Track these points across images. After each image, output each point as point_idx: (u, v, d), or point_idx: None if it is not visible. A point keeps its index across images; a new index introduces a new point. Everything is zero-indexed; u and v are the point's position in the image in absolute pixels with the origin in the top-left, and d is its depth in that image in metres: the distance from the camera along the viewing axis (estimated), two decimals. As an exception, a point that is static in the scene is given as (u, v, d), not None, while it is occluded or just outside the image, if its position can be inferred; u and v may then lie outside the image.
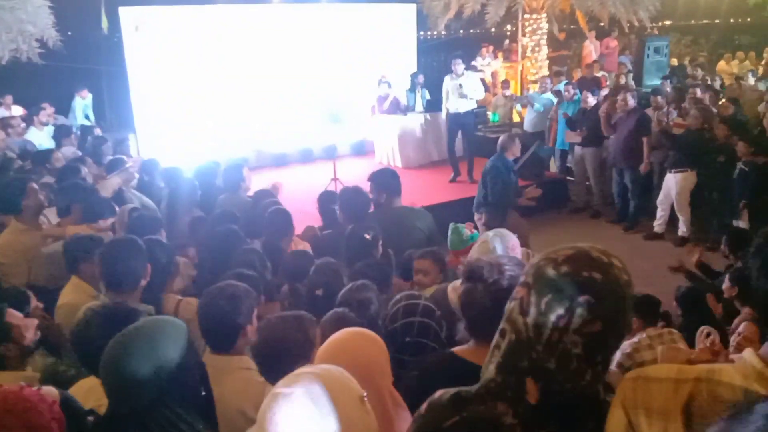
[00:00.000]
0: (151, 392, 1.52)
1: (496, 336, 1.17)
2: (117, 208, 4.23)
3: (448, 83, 8.58)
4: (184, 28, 9.72)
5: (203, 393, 1.70)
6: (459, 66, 8.56)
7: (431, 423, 1.19)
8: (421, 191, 8.20)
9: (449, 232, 4.11)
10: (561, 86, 9.23)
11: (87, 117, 10.57)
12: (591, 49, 13.21)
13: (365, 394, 1.25)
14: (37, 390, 1.53)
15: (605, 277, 1.08)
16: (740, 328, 3.10)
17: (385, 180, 4.47)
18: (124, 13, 9.35)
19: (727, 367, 0.96)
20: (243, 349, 2.34)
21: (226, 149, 10.04)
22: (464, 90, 8.43)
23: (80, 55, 11.77)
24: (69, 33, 10.50)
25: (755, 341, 2.82)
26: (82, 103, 10.60)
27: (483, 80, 13.67)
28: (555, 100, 9.14)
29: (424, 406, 1.23)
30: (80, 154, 6.45)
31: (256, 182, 5.56)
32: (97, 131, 8.05)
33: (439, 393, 1.23)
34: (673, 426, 0.93)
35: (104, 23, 10.73)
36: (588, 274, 1.07)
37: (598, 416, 1.12)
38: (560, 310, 1.06)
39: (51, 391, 1.63)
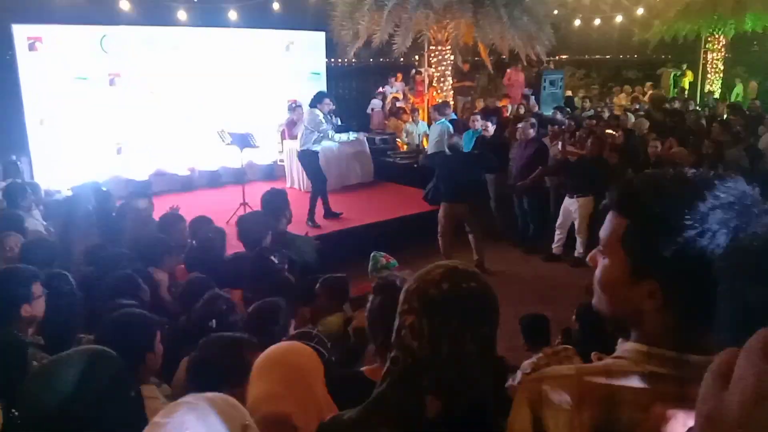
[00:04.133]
0: (71, 426, 1.44)
1: (388, 364, 1.21)
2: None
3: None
4: (84, 48, 9.33)
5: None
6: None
7: None
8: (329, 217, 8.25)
9: (370, 260, 4.24)
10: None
11: None
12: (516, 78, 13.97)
13: (248, 422, 1.24)
14: None
15: (479, 284, 1.19)
16: (618, 344, 3.32)
17: (271, 202, 4.52)
18: (18, 30, 8.87)
19: (617, 360, 1.03)
20: (147, 377, 2.26)
21: (128, 173, 9.74)
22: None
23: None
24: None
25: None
26: None
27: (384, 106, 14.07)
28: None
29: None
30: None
31: (160, 207, 5.41)
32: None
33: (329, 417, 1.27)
34: (578, 417, 0.98)
35: (-5, 40, 10.15)
36: (467, 285, 1.17)
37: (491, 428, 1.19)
38: (454, 324, 1.14)
39: None
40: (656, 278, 0.98)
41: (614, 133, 9.09)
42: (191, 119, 10.33)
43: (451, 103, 12.45)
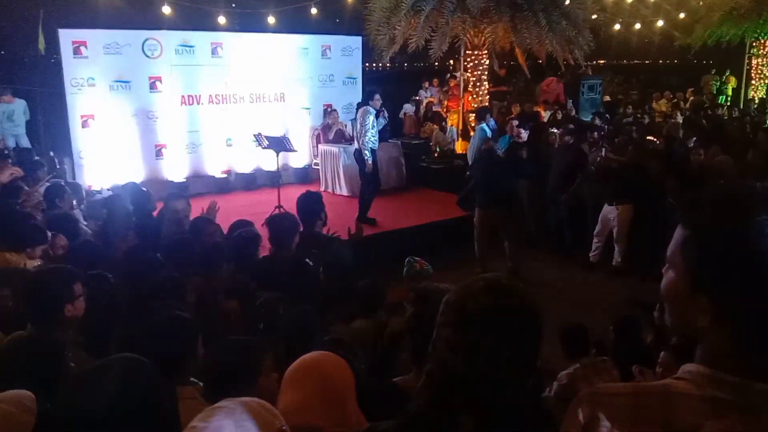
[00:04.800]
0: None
1: (424, 377, 1.18)
2: (49, 235, 4.06)
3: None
4: (126, 52, 9.54)
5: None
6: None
7: None
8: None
9: (405, 265, 4.22)
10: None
11: (10, 120, 10.08)
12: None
13: (285, 426, 1.23)
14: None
15: (521, 302, 1.15)
16: (660, 358, 3.24)
17: (306, 206, 4.52)
18: (64, 34, 9.13)
19: (676, 381, 0.99)
20: (187, 378, 2.28)
21: (167, 175, 9.92)
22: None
23: (15, 76, 11.40)
24: (2, 52, 10.18)
25: (672, 366, 2.93)
26: (8, 108, 10.06)
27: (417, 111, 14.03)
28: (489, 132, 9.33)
29: None
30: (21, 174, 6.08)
31: (198, 209, 5.47)
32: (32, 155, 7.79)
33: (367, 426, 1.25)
34: None
35: (41, 44, 10.45)
36: (507, 302, 1.13)
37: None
38: (490, 341, 1.10)
39: (28, 393, 1.58)
40: (711, 293, 0.94)
41: (655, 140, 8.90)
42: (229, 122, 10.47)
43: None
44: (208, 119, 10.31)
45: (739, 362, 0.93)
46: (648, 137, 9.07)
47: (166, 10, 11.06)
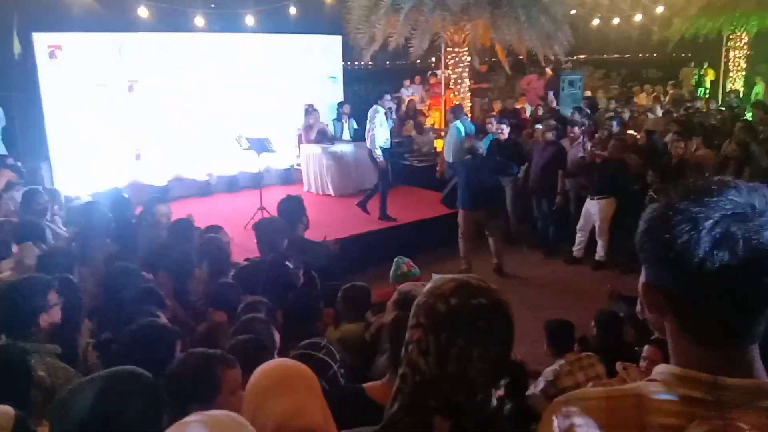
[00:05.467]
0: None
1: (398, 381, 1.17)
2: (15, 248, 3.97)
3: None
4: (102, 55, 9.42)
5: None
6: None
7: None
8: (350, 221, 8.22)
9: (393, 265, 4.21)
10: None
11: None
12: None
13: None
14: None
15: (490, 300, 1.13)
16: (644, 352, 3.25)
17: (288, 209, 4.51)
18: (39, 38, 8.98)
19: (648, 383, 0.98)
20: None
21: (146, 178, 9.80)
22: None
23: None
24: (-24, 57, 10.01)
25: (658, 361, 2.95)
26: None
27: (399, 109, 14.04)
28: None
29: None
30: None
31: (178, 212, 5.42)
32: (9, 161, 7.65)
33: None
34: None
35: (16, 48, 10.28)
36: (477, 301, 1.12)
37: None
38: (461, 341, 1.09)
39: (7, 411, 1.54)
40: (660, 287, 0.94)
41: (636, 134, 8.95)
42: (209, 124, 10.38)
43: (469, 105, 12.38)
44: (187, 121, 10.20)
45: (704, 357, 0.92)
46: (629, 131, 9.12)
47: (143, 12, 10.92)
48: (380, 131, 8.23)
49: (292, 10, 12.86)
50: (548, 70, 14.47)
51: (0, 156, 8.82)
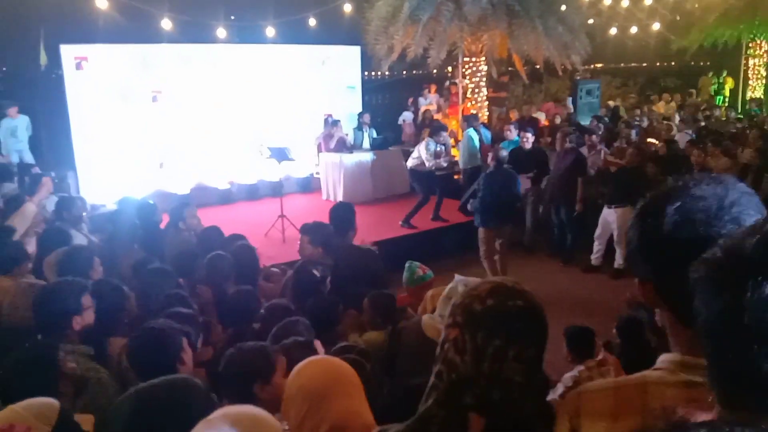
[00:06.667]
0: None
1: (432, 378, 1.20)
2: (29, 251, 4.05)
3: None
4: (127, 66, 9.63)
5: None
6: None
7: None
8: (369, 228, 8.28)
9: (405, 270, 4.18)
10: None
11: (14, 136, 10.06)
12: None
13: (286, 428, 1.25)
14: (26, 428, 1.51)
15: (526, 303, 1.18)
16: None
17: (339, 215, 4.51)
18: (66, 50, 9.21)
19: (653, 372, 1.05)
20: None
21: (169, 187, 9.97)
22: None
23: (17, 92, 11.47)
24: (4, 68, 10.26)
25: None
26: (11, 124, 10.09)
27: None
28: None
29: None
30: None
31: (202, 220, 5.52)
32: (35, 170, 7.83)
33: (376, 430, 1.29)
34: (615, 429, 0.99)
35: (43, 59, 10.53)
36: (513, 303, 1.16)
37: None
38: (497, 341, 1.13)
39: (52, 404, 1.61)
40: (648, 280, 1.02)
41: (656, 142, 8.94)
42: (230, 133, 10.54)
43: (486, 114, 12.43)
44: (209, 130, 10.37)
45: (700, 343, 0.98)
46: (648, 140, 9.11)
47: (166, 24, 11.13)
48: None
49: (312, 22, 13.01)
50: (569, 104, 14.34)
51: (27, 165, 9.06)
